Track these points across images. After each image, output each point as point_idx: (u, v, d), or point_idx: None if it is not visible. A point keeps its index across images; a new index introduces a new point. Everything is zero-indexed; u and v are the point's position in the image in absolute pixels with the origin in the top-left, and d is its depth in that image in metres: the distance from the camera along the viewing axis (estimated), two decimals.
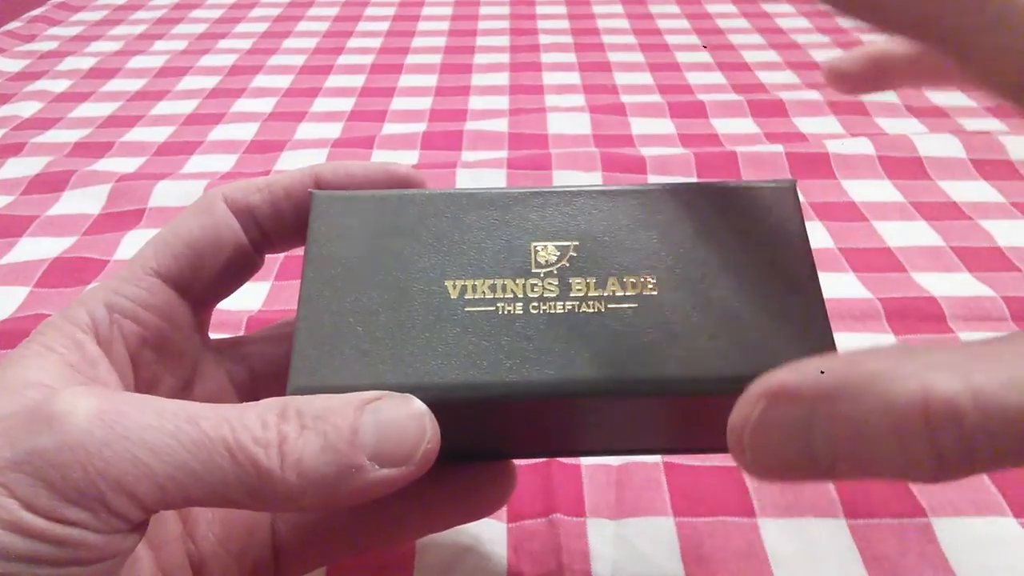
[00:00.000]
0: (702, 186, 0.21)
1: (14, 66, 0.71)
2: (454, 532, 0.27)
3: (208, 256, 0.22)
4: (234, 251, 0.22)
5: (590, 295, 0.19)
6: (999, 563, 0.26)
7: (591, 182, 0.48)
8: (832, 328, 0.19)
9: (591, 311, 0.19)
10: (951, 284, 0.39)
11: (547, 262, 0.20)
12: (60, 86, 0.66)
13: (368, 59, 0.71)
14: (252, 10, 0.85)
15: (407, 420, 0.17)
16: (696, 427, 0.22)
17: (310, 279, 0.19)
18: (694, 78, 0.65)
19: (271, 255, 0.24)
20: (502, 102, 0.62)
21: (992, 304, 0.37)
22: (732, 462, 0.29)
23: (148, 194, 0.48)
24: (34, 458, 0.15)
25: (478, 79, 0.66)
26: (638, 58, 0.70)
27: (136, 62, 0.71)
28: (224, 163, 0.53)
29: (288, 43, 0.75)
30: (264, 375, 0.24)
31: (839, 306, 0.37)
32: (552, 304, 0.19)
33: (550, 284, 0.19)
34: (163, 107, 0.62)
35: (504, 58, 0.71)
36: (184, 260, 0.21)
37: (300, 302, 0.19)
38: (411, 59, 0.71)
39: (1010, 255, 0.41)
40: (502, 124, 0.57)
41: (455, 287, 0.19)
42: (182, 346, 0.22)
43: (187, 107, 0.62)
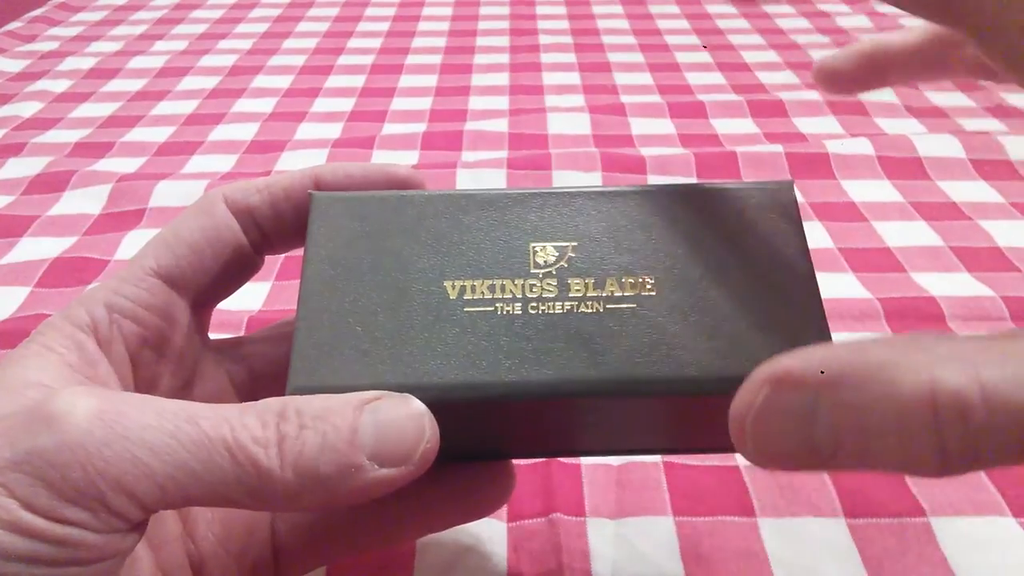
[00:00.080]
0: (700, 187, 0.21)
1: (15, 66, 0.71)
2: (454, 532, 0.27)
3: (208, 257, 0.22)
4: (234, 252, 0.22)
5: (589, 295, 0.19)
6: (999, 563, 0.26)
7: (591, 182, 0.48)
8: (831, 328, 0.19)
9: (590, 311, 0.19)
10: (950, 284, 0.39)
11: (546, 262, 0.20)
12: (61, 86, 0.66)
13: (368, 59, 0.71)
14: (252, 10, 0.85)
15: (406, 420, 0.17)
16: (695, 427, 0.22)
17: (309, 279, 0.19)
18: (694, 78, 0.65)
19: (271, 256, 0.24)
20: (502, 102, 0.62)
21: (991, 304, 0.37)
22: (732, 462, 0.30)
23: (148, 194, 0.48)
24: (34, 458, 0.15)
25: (478, 79, 0.66)
26: (638, 58, 0.70)
27: (137, 62, 0.71)
28: (224, 163, 0.53)
29: (288, 43, 0.75)
30: (264, 375, 0.24)
31: (838, 306, 0.37)
32: (551, 304, 0.19)
33: (549, 284, 0.19)
34: (164, 107, 0.62)
35: (504, 58, 0.71)
36: (184, 261, 0.21)
37: (299, 302, 0.19)
38: (411, 59, 0.71)
39: (1009, 255, 0.41)
40: (502, 124, 0.57)
41: (454, 287, 0.19)
42: (182, 346, 0.22)
43: (187, 107, 0.62)
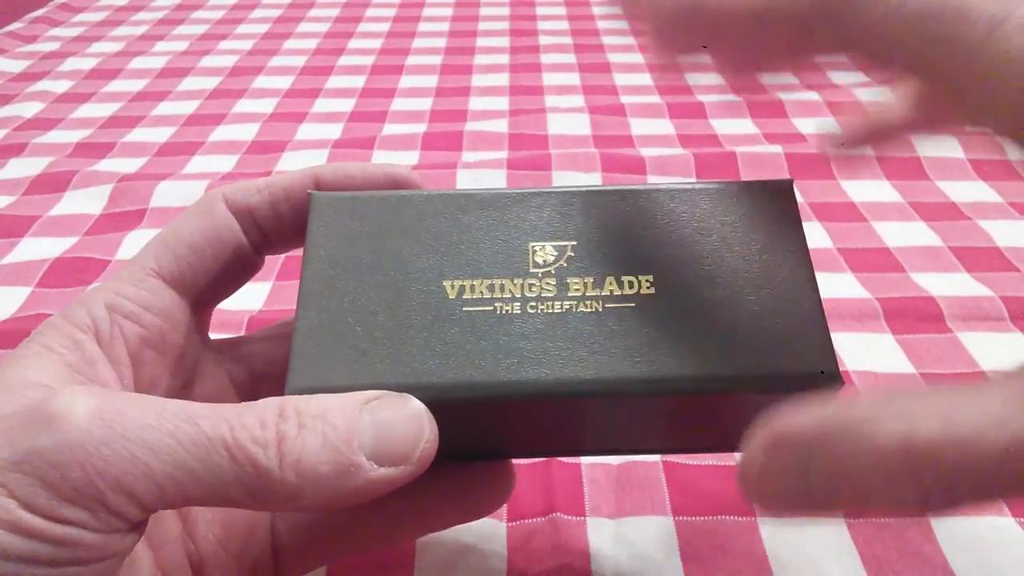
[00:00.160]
0: (699, 186, 0.21)
1: (16, 67, 0.71)
2: (454, 532, 0.27)
3: (208, 257, 0.22)
4: (234, 252, 0.22)
5: (588, 295, 0.19)
6: (999, 563, 0.26)
7: (591, 182, 0.48)
8: (830, 328, 0.19)
9: (589, 311, 0.19)
10: (950, 284, 0.39)
11: (545, 262, 0.20)
12: (62, 87, 0.66)
13: (369, 60, 0.71)
14: (253, 11, 0.85)
15: (405, 419, 0.17)
16: (695, 426, 0.22)
17: (309, 279, 0.20)
18: (693, 79, 0.65)
19: (271, 256, 0.24)
20: (502, 103, 0.62)
21: (991, 304, 0.37)
22: (732, 461, 0.30)
23: (149, 194, 0.48)
24: (33, 458, 0.15)
25: (478, 80, 0.66)
26: (638, 59, 0.70)
27: (137, 63, 0.71)
28: (225, 164, 0.53)
29: (289, 44, 0.75)
30: (264, 375, 0.24)
31: (838, 306, 0.37)
32: (550, 304, 0.19)
33: (548, 284, 0.19)
34: (164, 108, 0.62)
35: (504, 59, 0.71)
36: (184, 261, 0.21)
37: (299, 302, 0.19)
38: (411, 60, 0.71)
39: (1008, 255, 0.41)
40: (502, 125, 0.57)
41: (453, 287, 0.19)
42: (182, 346, 0.22)
43: (188, 108, 0.62)
